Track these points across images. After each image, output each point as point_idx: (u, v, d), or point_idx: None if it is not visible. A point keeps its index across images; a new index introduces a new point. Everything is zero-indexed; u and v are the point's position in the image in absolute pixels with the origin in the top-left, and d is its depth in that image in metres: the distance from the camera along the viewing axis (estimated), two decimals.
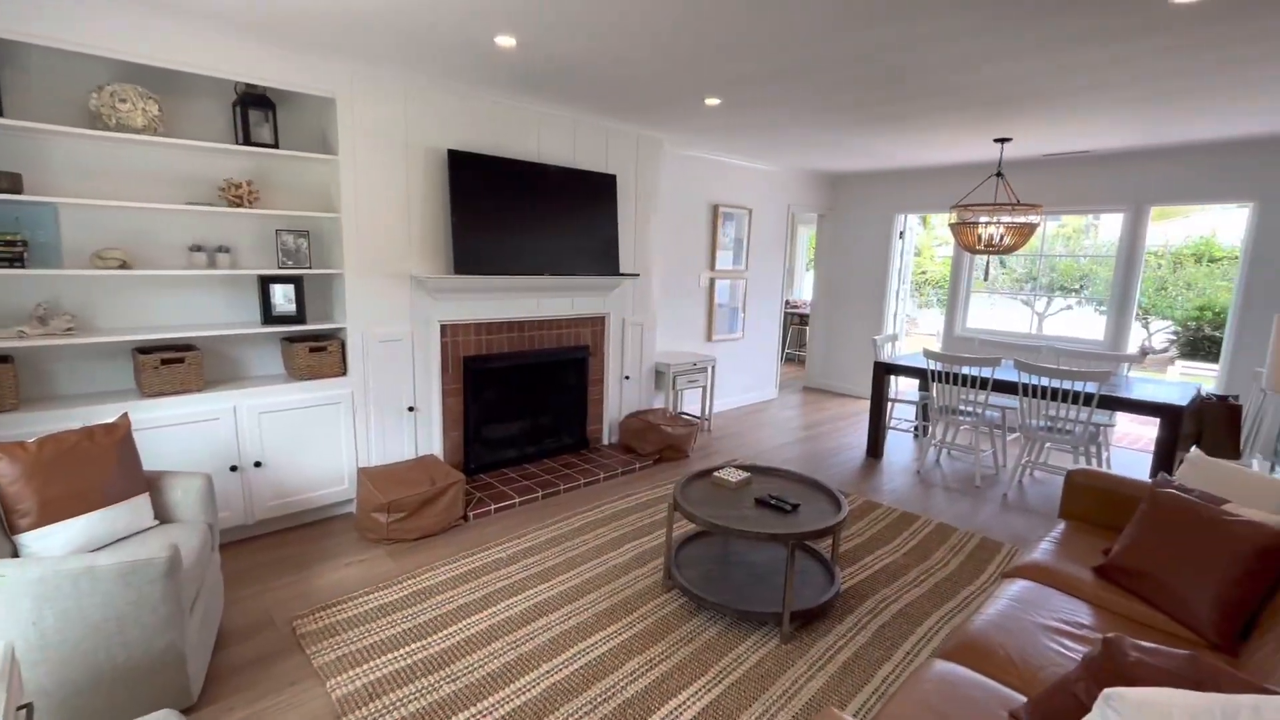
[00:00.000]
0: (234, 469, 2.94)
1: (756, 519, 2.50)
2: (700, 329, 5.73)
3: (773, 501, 2.63)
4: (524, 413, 4.23)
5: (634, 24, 2.45)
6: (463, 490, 3.30)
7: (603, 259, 4.19)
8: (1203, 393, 3.86)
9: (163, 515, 2.24)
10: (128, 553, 1.71)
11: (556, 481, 3.88)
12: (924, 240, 12.16)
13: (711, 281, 5.72)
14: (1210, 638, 1.81)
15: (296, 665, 2.19)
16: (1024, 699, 1.56)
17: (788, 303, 8.99)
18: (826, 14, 2.29)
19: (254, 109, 2.95)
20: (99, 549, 1.97)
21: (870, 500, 3.86)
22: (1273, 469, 2.50)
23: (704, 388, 5.26)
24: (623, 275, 4.22)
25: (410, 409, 3.56)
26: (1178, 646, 1.81)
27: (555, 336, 4.21)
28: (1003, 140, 4.45)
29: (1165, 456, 3.54)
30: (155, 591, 1.72)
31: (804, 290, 9.92)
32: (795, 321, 8.98)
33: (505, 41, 2.68)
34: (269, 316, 3.09)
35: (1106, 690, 1.07)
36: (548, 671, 2.19)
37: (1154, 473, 3.60)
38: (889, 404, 4.86)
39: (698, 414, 5.46)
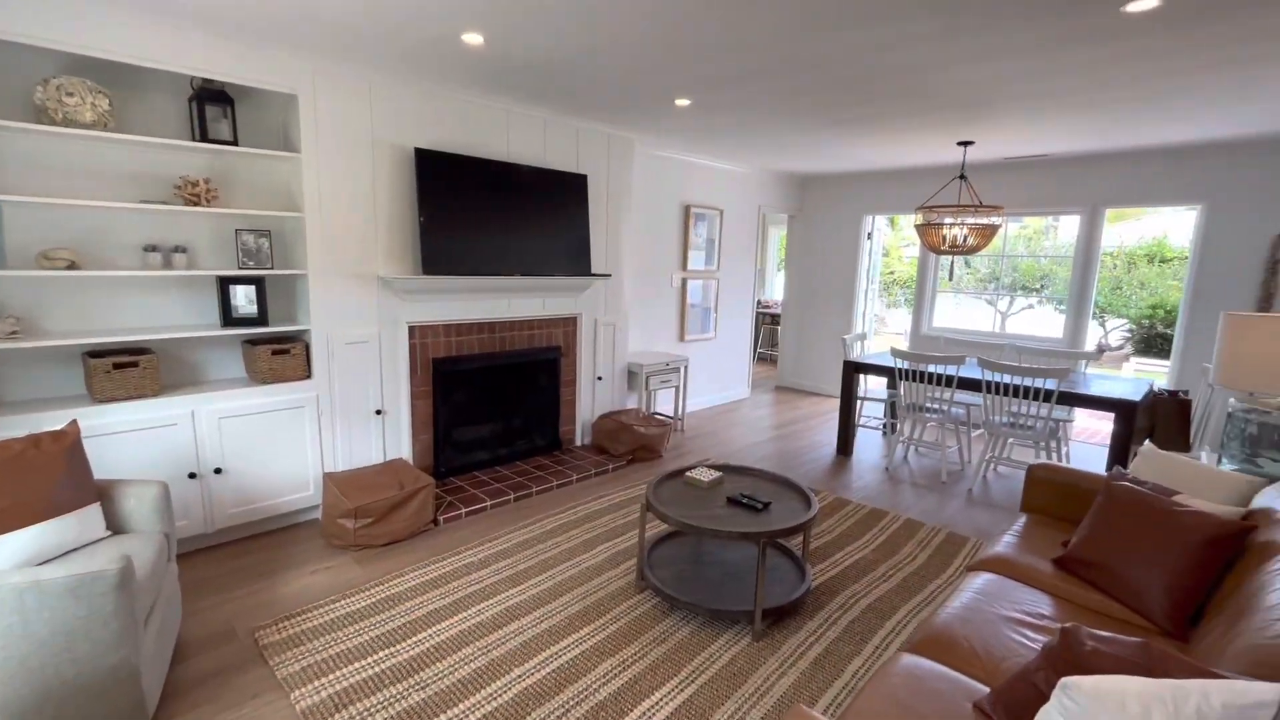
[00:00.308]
0: (193, 476, 2.85)
1: (728, 518, 2.51)
2: (673, 329, 5.75)
3: (744, 500, 2.65)
4: (495, 414, 4.19)
5: (602, 24, 2.44)
6: (432, 494, 3.25)
7: (574, 259, 4.17)
8: (1155, 388, 4.00)
9: (116, 526, 2.15)
10: (77, 565, 1.64)
11: (529, 484, 3.85)
12: (892, 241, 12.40)
13: (684, 282, 5.74)
14: (1162, 625, 1.87)
15: (259, 677, 2.13)
16: (987, 690, 1.60)
17: (759, 303, 9.08)
18: (792, 17, 2.31)
19: (211, 105, 2.86)
20: (46, 562, 1.89)
21: (841, 497, 3.92)
22: (1220, 461, 2.61)
23: (677, 388, 5.28)
24: (595, 275, 4.21)
25: (378, 412, 3.49)
26: (1132, 634, 1.87)
27: (527, 337, 4.18)
28: (965, 143, 4.56)
29: (1121, 450, 3.67)
30: (107, 605, 1.66)
31: (775, 290, 10.02)
32: (767, 321, 9.07)
33: (473, 39, 2.65)
34: (229, 318, 3.00)
35: (1063, 680, 1.10)
36: (519, 676, 2.16)
37: (1110, 466, 3.72)
38: (858, 402, 4.93)
39: (671, 414, 5.47)
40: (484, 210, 3.68)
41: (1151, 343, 9.61)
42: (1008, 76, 2.95)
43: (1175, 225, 9.95)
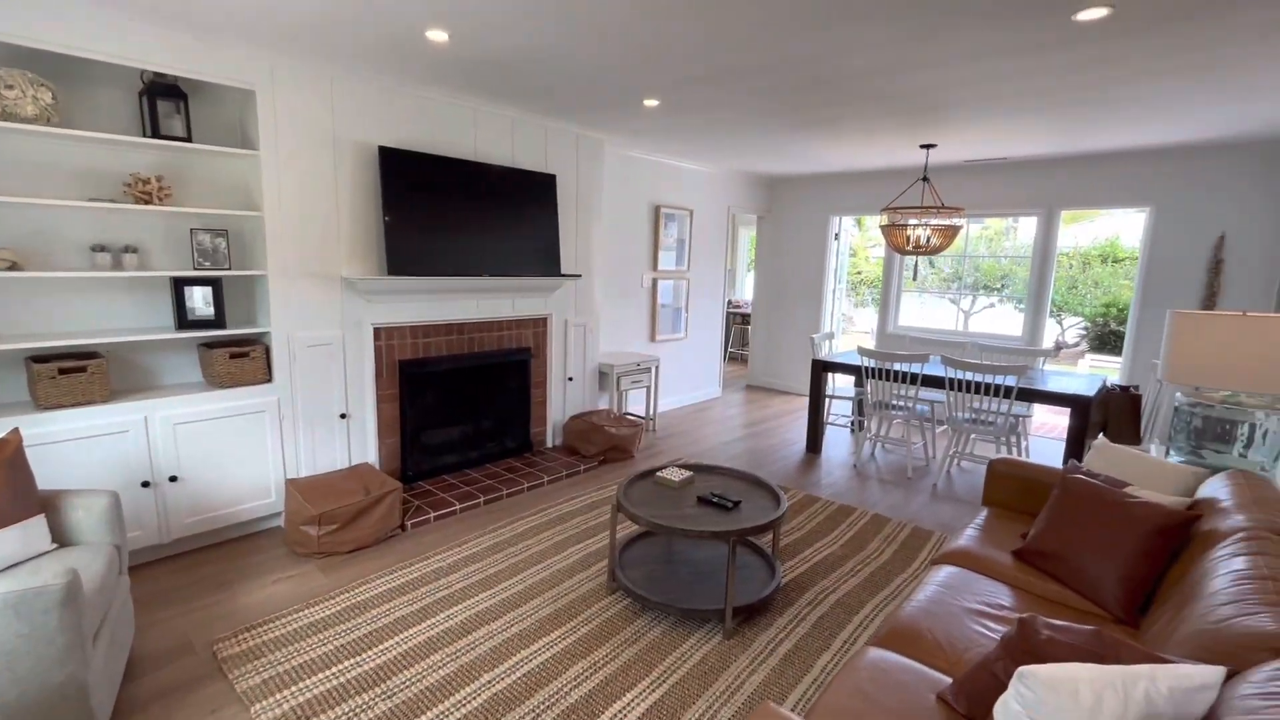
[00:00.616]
0: (146, 485, 2.74)
1: (698, 517, 2.52)
2: (644, 329, 5.75)
3: (715, 499, 2.66)
4: (465, 417, 4.14)
5: (567, 24, 2.43)
6: (400, 499, 3.20)
7: (544, 259, 4.14)
8: (1108, 384, 4.15)
9: (62, 538, 2.06)
10: (19, 581, 1.56)
11: (499, 486, 3.81)
12: (859, 242, 12.61)
13: (654, 282, 5.75)
14: (1115, 612, 1.94)
15: (218, 691, 2.06)
16: (950, 680, 1.63)
17: (730, 302, 9.15)
18: (758, 19, 2.33)
19: (163, 100, 2.76)
20: None
21: (810, 494, 3.97)
22: (1168, 453, 2.72)
23: (648, 388, 5.28)
24: (564, 276, 4.19)
25: (342, 416, 3.41)
26: (1088, 622, 1.93)
27: (496, 338, 4.14)
28: (928, 146, 4.66)
29: (1076, 444, 3.79)
30: (51, 621, 1.58)
31: (745, 290, 10.11)
32: (738, 321, 9.15)
33: (437, 36, 2.61)
34: (184, 321, 2.90)
35: (1020, 669, 1.13)
36: (489, 681, 2.14)
37: (1066, 460, 3.84)
38: (827, 400, 5.01)
39: (642, 414, 5.48)
40: (451, 210, 3.63)
41: (1105, 340, 9.97)
42: (967, 81, 3.03)
43: (1126, 227, 10.33)
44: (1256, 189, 4.40)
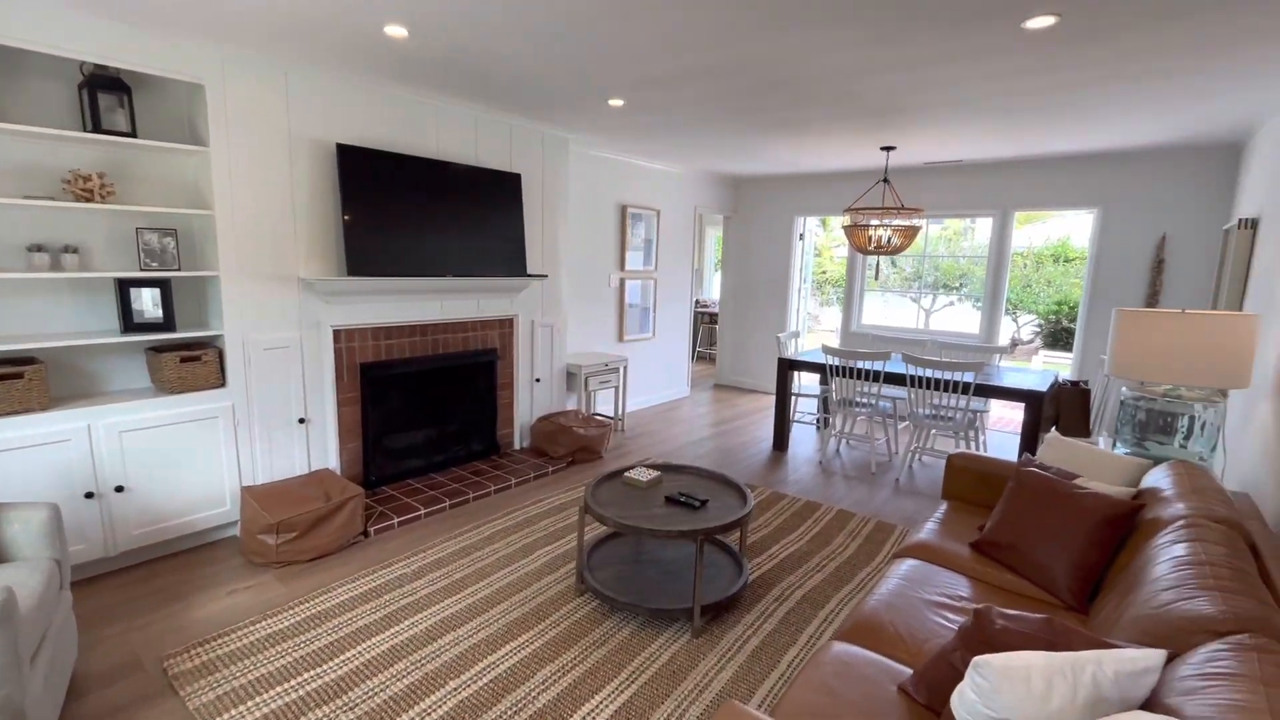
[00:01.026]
0: (90, 496, 2.62)
1: (666, 517, 2.53)
2: (611, 329, 5.74)
3: (682, 499, 2.67)
4: (429, 420, 4.07)
5: (530, 21, 2.40)
6: (362, 504, 3.12)
7: (509, 259, 4.10)
8: (1059, 379, 4.30)
9: None
10: None
11: (465, 490, 3.75)
12: (824, 242, 12.81)
13: (622, 282, 5.74)
14: (1067, 600, 2.01)
15: (168, 710, 1.98)
16: (911, 671, 1.67)
17: (698, 302, 9.20)
18: (717, 21, 2.35)
19: (105, 93, 2.64)
20: None
21: (777, 491, 4.01)
22: (1115, 445, 2.83)
23: (616, 388, 5.28)
24: (531, 276, 4.15)
25: (301, 420, 3.32)
26: (1042, 610, 2.00)
27: (461, 340, 4.08)
28: (888, 148, 4.76)
29: (1030, 438, 3.92)
30: None
31: (713, 290, 10.18)
32: (705, 320, 9.20)
33: (396, 31, 2.56)
34: (130, 324, 2.78)
35: (975, 659, 1.16)
36: (455, 689, 2.10)
37: (1021, 453, 3.97)
38: (793, 398, 5.07)
39: (611, 414, 5.47)
40: (413, 209, 3.56)
41: (1058, 336, 10.34)
42: (924, 85, 3.10)
43: (1077, 228, 10.73)
44: (1195, 192, 4.62)
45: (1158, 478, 2.20)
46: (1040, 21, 2.27)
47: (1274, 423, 2.39)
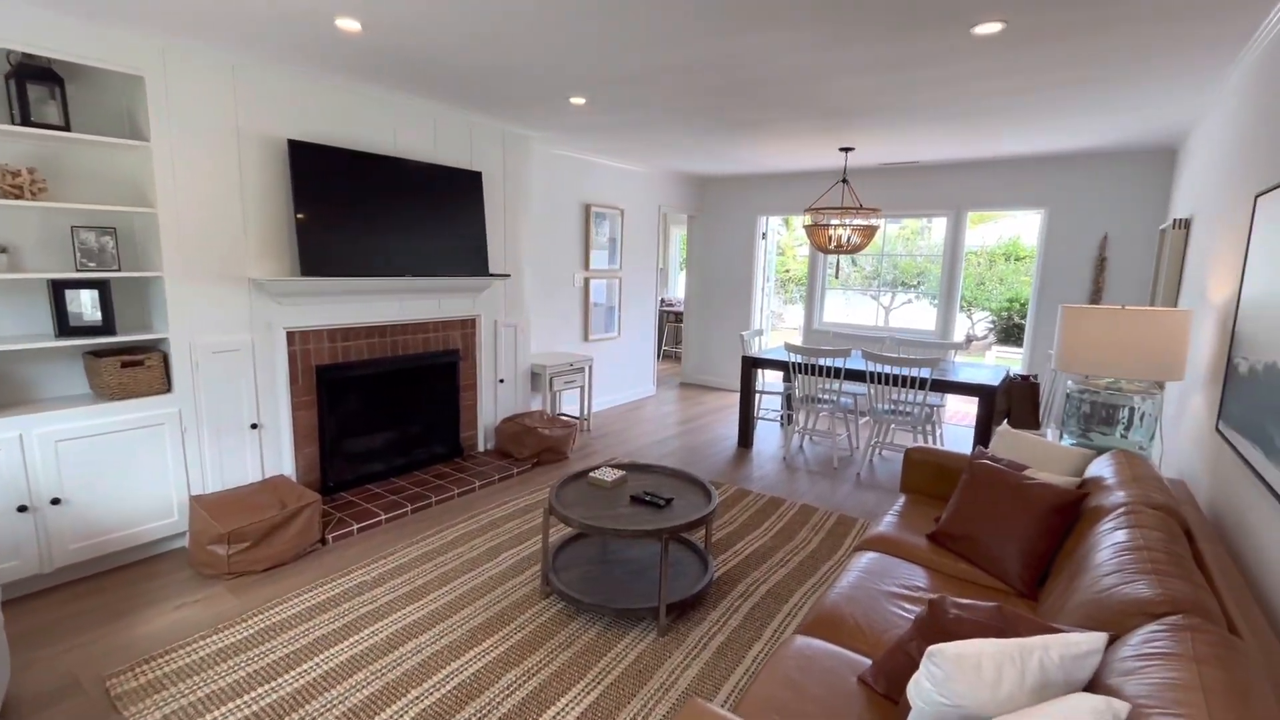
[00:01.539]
0: (23, 509, 2.48)
1: (631, 517, 2.52)
2: (576, 329, 5.71)
3: (647, 498, 2.67)
4: (390, 423, 3.98)
5: (486, 20, 2.37)
6: (319, 511, 3.04)
7: (471, 259, 4.04)
8: (1010, 374, 4.45)
9: None
10: None
11: (428, 494, 3.68)
12: (787, 241, 12.99)
13: (586, 281, 5.72)
14: (1018, 587, 2.08)
15: None
16: (870, 662, 1.70)
17: (663, 301, 9.23)
18: (671, 22, 2.35)
19: (35, 84, 2.50)
20: None
21: (742, 488, 4.06)
22: (1061, 437, 2.94)
23: (582, 388, 5.25)
24: (493, 276, 4.10)
25: (253, 426, 3.21)
26: (995, 598, 2.07)
27: (422, 341, 4.00)
28: (847, 149, 4.86)
29: (984, 431, 4.05)
30: None
31: (678, 289, 10.23)
32: (671, 319, 9.24)
33: (348, 25, 2.49)
34: (66, 327, 2.64)
35: (929, 648, 1.19)
36: (417, 697, 2.06)
37: (975, 446, 4.10)
38: (757, 396, 5.13)
39: (576, 414, 5.44)
40: (370, 208, 3.48)
41: (1010, 332, 10.71)
42: (880, 87, 3.17)
43: (1026, 227, 11.14)
44: (1134, 194, 4.84)
45: (1101, 467, 2.30)
46: (988, 27, 2.34)
47: (1205, 414, 2.52)
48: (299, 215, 3.16)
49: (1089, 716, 0.98)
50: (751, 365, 4.94)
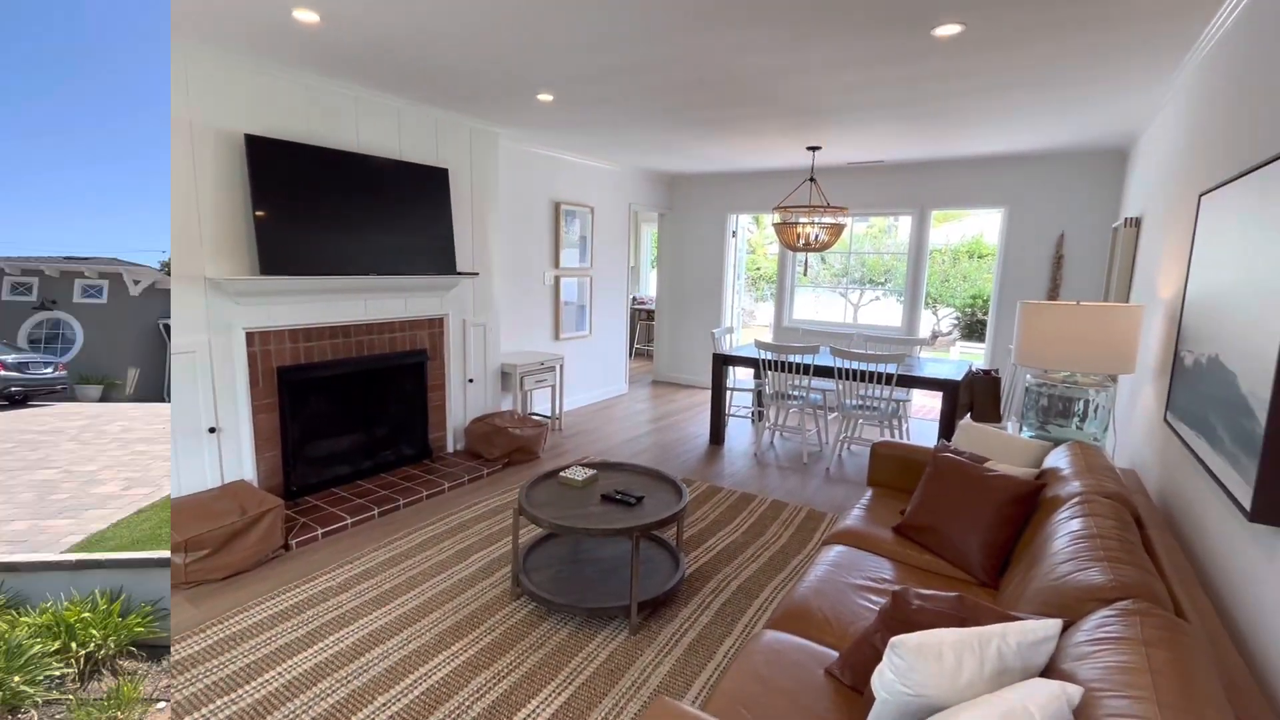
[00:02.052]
0: None
1: (601, 515, 2.52)
2: (547, 328, 5.67)
3: (618, 496, 2.67)
4: (356, 425, 3.90)
5: (448, 12, 2.33)
6: (282, 516, 2.96)
7: (438, 257, 3.97)
8: (973, 368, 4.57)
9: None
10: None
11: (395, 496, 3.62)
12: (757, 239, 13.11)
13: (557, 279, 5.68)
14: (980, 577, 2.13)
15: None
16: (837, 655, 1.72)
17: (635, 299, 9.23)
18: (637, 18, 2.35)
19: None
20: None
21: (714, 485, 4.08)
22: (1021, 430, 3.03)
23: (553, 387, 5.22)
24: (461, 274, 4.04)
25: (211, 430, 3.11)
26: (958, 589, 2.11)
27: (388, 341, 3.92)
28: (814, 148, 4.92)
29: (948, 425, 4.14)
30: None
31: (649, 287, 10.24)
32: (642, 317, 9.25)
33: (306, 16, 2.42)
34: None
35: (892, 640, 1.21)
36: (384, 704, 2.02)
37: (939, 440, 4.19)
38: (728, 393, 5.17)
39: (548, 414, 5.40)
40: (332, 205, 3.39)
41: (974, 328, 10.99)
42: (845, 87, 3.21)
43: (989, 225, 11.44)
44: (1089, 193, 5.00)
45: (1057, 458, 2.37)
46: (948, 29, 2.39)
47: (1155, 405, 2.62)
48: (258, 212, 3.07)
49: (1044, 701, 1.01)
50: (722, 362, 4.97)
